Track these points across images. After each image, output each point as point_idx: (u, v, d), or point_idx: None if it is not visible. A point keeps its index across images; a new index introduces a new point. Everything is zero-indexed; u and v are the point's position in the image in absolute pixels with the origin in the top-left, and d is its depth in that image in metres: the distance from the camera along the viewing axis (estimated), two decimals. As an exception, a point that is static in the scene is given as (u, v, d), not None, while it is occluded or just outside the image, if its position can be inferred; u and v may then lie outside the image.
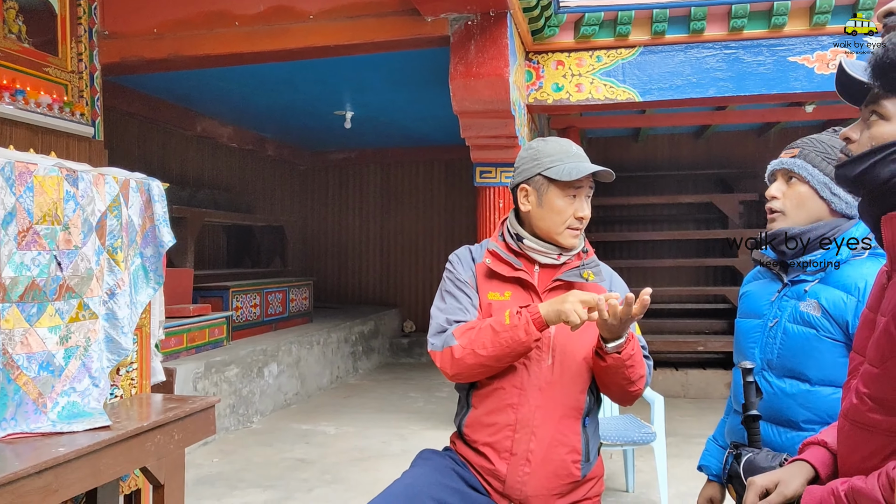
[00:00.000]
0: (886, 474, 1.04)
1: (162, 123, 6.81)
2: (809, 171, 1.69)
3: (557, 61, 4.92)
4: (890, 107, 1.18)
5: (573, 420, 1.76)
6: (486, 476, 1.77)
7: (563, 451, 1.73)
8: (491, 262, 1.84)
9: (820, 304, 1.63)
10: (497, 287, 1.83)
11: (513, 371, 1.76)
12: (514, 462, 1.73)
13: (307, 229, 9.95)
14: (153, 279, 2.57)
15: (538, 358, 1.76)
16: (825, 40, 4.61)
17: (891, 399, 1.09)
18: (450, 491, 1.72)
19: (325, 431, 5.30)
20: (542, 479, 1.72)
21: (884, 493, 1.03)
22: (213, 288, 6.15)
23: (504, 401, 1.76)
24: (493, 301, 1.81)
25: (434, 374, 7.71)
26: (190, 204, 6.77)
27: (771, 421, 1.71)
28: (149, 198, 2.55)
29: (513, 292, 1.82)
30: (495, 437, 1.75)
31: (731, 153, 8.00)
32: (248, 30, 4.37)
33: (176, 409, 2.26)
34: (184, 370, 4.72)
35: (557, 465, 1.73)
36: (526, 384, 1.75)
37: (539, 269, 1.85)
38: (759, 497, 1.25)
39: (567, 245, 1.81)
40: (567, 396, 1.76)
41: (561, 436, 1.74)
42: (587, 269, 1.82)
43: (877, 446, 1.11)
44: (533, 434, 1.72)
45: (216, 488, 4.00)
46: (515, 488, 1.73)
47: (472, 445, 1.81)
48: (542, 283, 1.82)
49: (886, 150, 1.14)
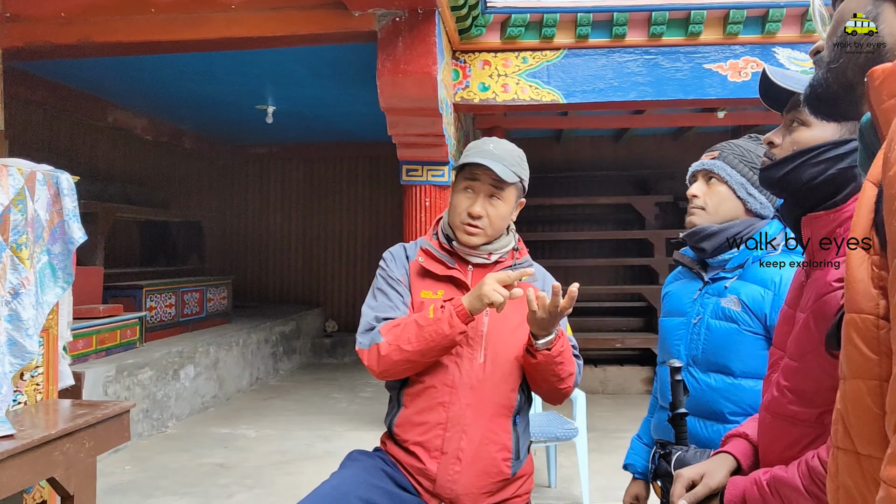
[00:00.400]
0: (806, 463, 1.08)
1: (70, 113, 6.44)
2: (728, 172, 1.79)
3: (484, 61, 4.95)
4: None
5: (504, 418, 1.76)
6: (417, 476, 1.75)
7: (493, 449, 1.73)
8: (424, 261, 1.83)
9: (740, 299, 1.70)
10: (430, 286, 1.82)
11: (444, 369, 1.75)
12: (445, 461, 1.72)
13: (226, 226, 9.64)
14: (62, 278, 2.42)
15: (470, 356, 1.75)
16: (738, 49, 4.83)
17: (810, 392, 1.14)
18: (379, 491, 1.70)
19: (246, 435, 5.15)
20: (472, 477, 1.71)
21: (803, 481, 1.07)
22: (126, 287, 5.87)
23: (435, 399, 1.74)
24: (426, 299, 1.80)
25: (358, 375, 7.63)
26: (100, 198, 6.43)
27: (697, 415, 1.76)
28: (57, 191, 2.40)
29: (446, 291, 1.81)
30: (426, 436, 1.74)
31: (648, 156, 8.28)
32: (165, 17, 4.17)
33: (87, 416, 2.13)
34: (93, 374, 4.48)
35: (488, 463, 1.72)
36: (457, 382, 1.74)
37: (473, 269, 1.84)
38: (685, 489, 1.28)
39: (463, 242, 1.80)
40: (498, 394, 1.75)
41: (492, 434, 1.74)
42: (519, 269, 1.80)
43: (797, 437, 1.16)
44: (464, 432, 1.72)
45: (129, 498, 3.82)
46: (446, 487, 1.71)
47: (403, 445, 1.78)
48: (474, 283, 1.80)
49: (807, 154, 1.21)
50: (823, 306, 1.12)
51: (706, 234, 1.78)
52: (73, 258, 2.49)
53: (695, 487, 1.27)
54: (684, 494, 1.27)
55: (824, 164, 1.18)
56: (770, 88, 1.30)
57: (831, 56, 0.93)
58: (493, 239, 1.83)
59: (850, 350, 0.78)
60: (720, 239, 1.76)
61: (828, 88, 0.94)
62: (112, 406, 2.25)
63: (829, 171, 1.18)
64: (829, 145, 1.20)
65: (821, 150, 1.20)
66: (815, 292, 1.15)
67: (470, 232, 1.79)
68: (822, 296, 1.13)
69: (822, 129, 1.24)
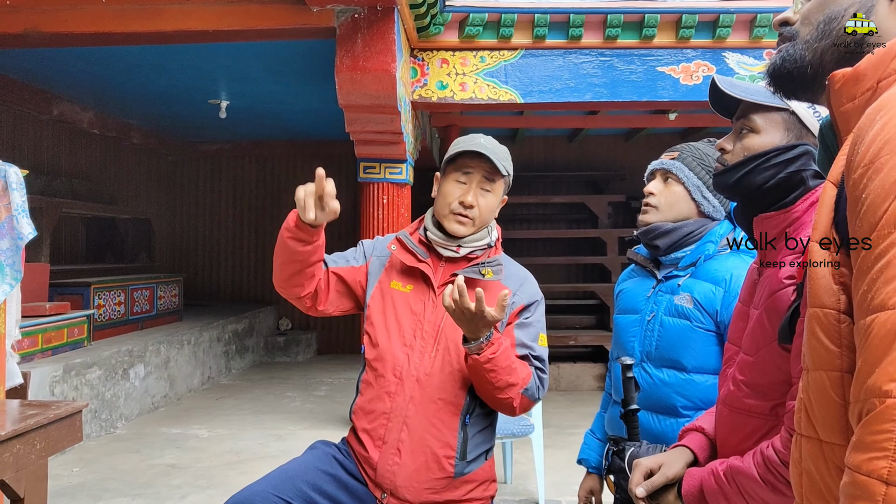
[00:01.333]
0: (761, 453, 1.13)
1: (12, 104, 6.20)
2: (686, 174, 1.83)
3: (442, 59, 4.96)
4: (758, 120, 1.30)
5: (450, 415, 1.75)
6: (363, 464, 1.77)
7: (435, 445, 1.73)
8: (396, 250, 1.85)
9: (692, 296, 1.75)
10: (402, 278, 1.85)
11: (395, 359, 1.77)
12: (385, 450, 1.73)
13: (176, 223, 9.43)
14: (10, 274, 2.35)
15: (422, 348, 1.77)
16: (690, 53, 4.95)
17: (764, 385, 1.19)
18: (326, 478, 1.74)
19: (198, 435, 5.06)
20: (411, 470, 1.72)
21: (758, 470, 1.12)
22: (72, 284, 5.70)
23: (383, 388, 1.77)
24: (395, 290, 1.83)
25: (312, 374, 7.57)
26: (45, 193, 6.23)
27: (650, 409, 1.81)
28: (5, 185, 2.33)
29: (414, 287, 1.83)
30: (372, 425, 1.76)
31: (601, 156, 8.42)
32: (117, 8, 4.05)
33: (37, 416, 2.08)
34: (39, 374, 4.34)
35: (428, 459, 1.72)
36: (405, 373, 1.75)
37: (444, 265, 1.86)
38: (643, 477, 1.32)
39: (450, 230, 1.81)
40: (445, 391, 1.75)
41: (434, 429, 1.73)
42: (487, 267, 1.83)
43: (752, 429, 1.21)
44: (405, 424, 1.73)
45: (78, 500, 3.72)
46: (386, 477, 1.72)
47: (355, 431, 1.81)
48: (442, 278, 1.83)
49: (758, 159, 1.26)
50: (776, 302, 1.17)
51: (660, 232, 1.83)
52: (21, 254, 2.42)
53: (652, 476, 1.31)
54: (642, 482, 1.31)
55: (774, 169, 1.24)
56: (719, 97, 1.35)
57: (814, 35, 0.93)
58: (479, 230, 1.86)
59: (814, 343, 0.81)
60: (674, 237, 1.81)
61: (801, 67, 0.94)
62: (64, 406, 2.20)
63: (780, 175, 1.23)
64: (778, 150, 1.25)
65: (770, 156, 1.25)
66: (768, 289, 1.20)
67: (461, 221, 1.81)
68: (774, 292, 1.18)
69: (771, 136, 1.29)
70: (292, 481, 1.69)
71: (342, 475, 1.76)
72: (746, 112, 1.32)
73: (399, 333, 1.79)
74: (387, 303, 1.83)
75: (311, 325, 9.18)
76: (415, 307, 1.81)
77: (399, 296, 1.82)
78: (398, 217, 4.97)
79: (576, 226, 8.32)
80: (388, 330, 1.80)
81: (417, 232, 1.90)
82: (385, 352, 1.78)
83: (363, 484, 1.77)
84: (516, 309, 1.84)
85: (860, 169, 0.73)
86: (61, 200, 6.30)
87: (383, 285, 1.85)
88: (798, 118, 1.28)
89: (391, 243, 1.88)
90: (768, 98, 1.29)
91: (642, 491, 1.29)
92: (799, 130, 1.28)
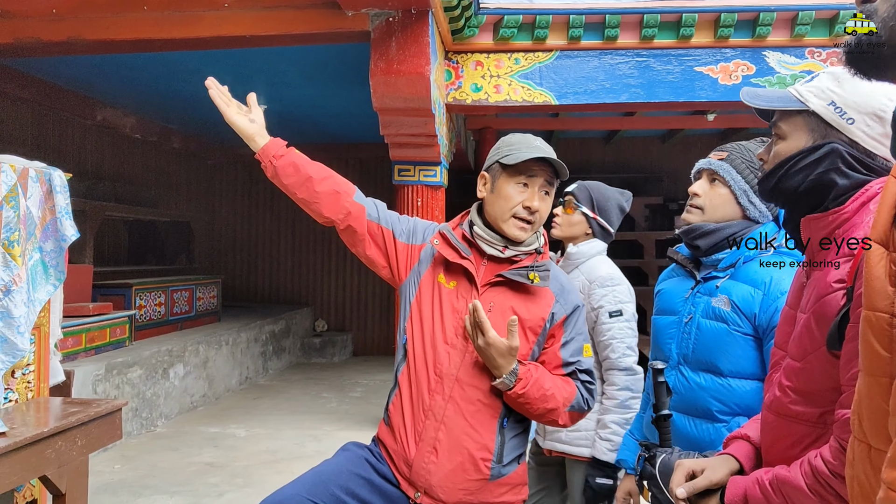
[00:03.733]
0: (809, 463, 1.08)
1: (58, 111, 6.38)
2: (733, 177, 1.77)
3: (476, 62, 4.95)
4: (784, 126, 1.28)
5: (489, 418, 1.73)
6: (397, 460, 1.75)
7: (473, 446, 1.70)
8: (438, 244, 1.81)
9: (730, 299, 1.71)
10: (447, 274, 1.81)
11: (436, 357, 1.74)
12: (422, 448, 1.71)
13: (215, 226, 9.59)
14: (53, 275, 2.40)
15: (463, 348, 1.73)
16: (728, 52, 4.86)
17: (812, 391, 1.14)
18: (359, 481, 1.72)
19: (235, 434, 5.13)
20: (447, 471, 1.69)
21: (806, 481, 1.07)
22: (115, 286, 5.83)
23: (422, 385, 1.74)
24: (441, 284, 1.80)
25: (348, 374, 7.62)
26: (89, 197, 6.38)
27: (687, 413, 1.77)
28: (50, 188, 2.38)
29: (458, 283, 1.79)
30: (409, 420, 1.74)
31: (638, 158, 8.32)
32: (157, 15, 4.14)
33: (79, 414, 2.12)
34: (82, 372, 4.45)
35: (465, 460, 1.70)
36: (444, 372, 1.73)
37: (486, 264, 1.81)
38: (685, 478, 1.28)
39: (511, 235, 1.77)
40: (485, 393, 1.72)
41: (473, 431, 1.71)
42: (534, 272, 1.77)
43: (799, 436, 1.16)
44: (443, 423, 1.70)
45: (118, 496, 3.79)
46: (421, 475, 1.70)
47: (390, 427, 1.79)
48: (484, 277, 1.79)
49: (785, 165, 1.24)
50: (824, 307, 1.13)
51: (702, 232, 1.78)
52: (65, 256, 2.48)
53: (695, 478, 1.27)
54: (683, 483, 1.27)
55: (803, 173, 1.21)
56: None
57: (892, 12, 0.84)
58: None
59: (865, 347, 0.78)
60: (716, 238, 1.76)
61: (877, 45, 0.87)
62: (104, 404, 2.24)
63: (810, 178, 1.20)
64: (802, 154, 1.22)
65: (795, 160, 1.23)
66: (816, 293, 1.16)
67: (523, 227, 1.77)
68: (822, 296, 1.14)
69: (796, 140, 1.26)
70: (325, 485, 1.68)
71: (375, 478, 1.75)
72: (776, 120, 1.30)
73: (442, 331, 1.75)
74: (434, 297, 1.79)
75: (347, 326, 9.25)
76: (457, 305, 1.77)
77: (445, 292, 1.78)
78: (432, 220, 4.97)
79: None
80: (434, 326, 1.77)
81: (460, 227, 1.85)
82: (428, 348, 1.75)
83: (395, 485, 1.75)
84: (558, 321, 1.79)
85: None
86: (104, 204, 6.45)
87: (434, 277, 1.82)
88: (819, 118, 1.24)
89: (434, 237, 1.83)
90: (790, 102, 1.26)
91: (683, 492, 1.25)
92: (823, 130, 1.24)
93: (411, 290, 1.84)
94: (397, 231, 1.87)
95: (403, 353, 1.81)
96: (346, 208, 1.85)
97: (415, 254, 1.86)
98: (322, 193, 1.86)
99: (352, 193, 1.88)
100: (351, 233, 1.86)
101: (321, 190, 1.86)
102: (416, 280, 1.83)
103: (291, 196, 1.90)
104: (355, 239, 1.86)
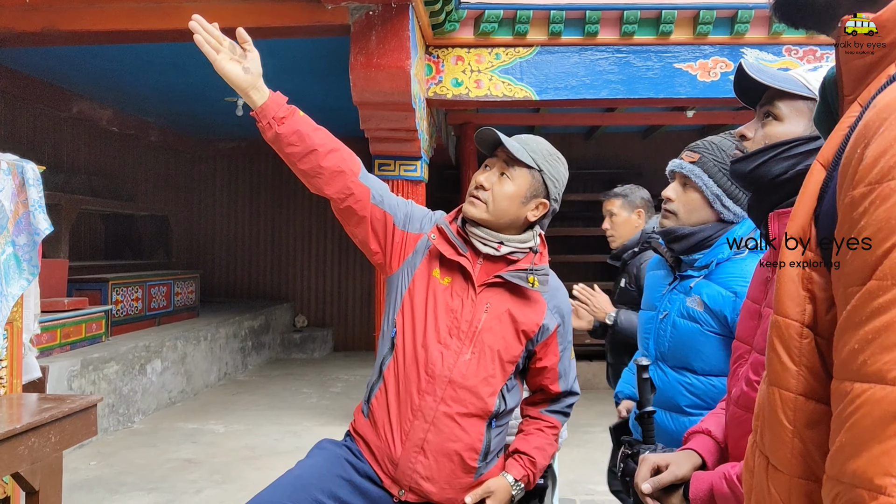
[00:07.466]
0: None
1: (32, 102, 6.27)
2: (704, 181, 1.77)
3: (457, 56, 4.95)
4: (783, 108, 1.26)
5: (479, 420, 1.69)
6: (380, 458, 1.70)
7: (461, 448, 1.68)
8: (435, 239, 1.74)
9: (702, 300, 1.73)
10: (442, 269, 1.74)
11: (428, 356, 1.68)
12: (408, 447, 1.67)
13: (193, 220, 9.50)
14: (27, 269, 2.37)
15: (457, 349, 1.68)
16: (707, 49, 4.90)
17: (779, 385, 1.15)
18: (340, 482, 1.67)
19: (214, 430, 5.10)
20: (434, 471, 1.67)
21: None
22: (91, 280, 5.76)
23: (410, 383, 1.68)
24: (436, 279, 1.73)
25: (328, 370, 7.60)
26: (64, 190, 6.29)
27: (665, 408, 1.79)
28: (22, 181, 2.35)
29: (453, 280, 1.73)
30: (395, 419, 1.68)
31: (618, 154, 8.36)
32: (134, 6, 4.08)
33: (53, 410, 2.09)
34: (57, 368, 4.39)
35: (454, 463, 1.68)
36: (436, 373, 1.67)
37: (482, 262, 1.75)
38: (650, 473, 1.28)
39: (464, 212, 1.74)
40: (477, 397, 1.68)
41: (462, 433, 1.68)
42: (534, 275, 1.72)
43: None
44: (432, 425, 1.66)
45: (94, 493, 3.75)
46: (407, 474, 1.67)
47: (372, 422, 1.73)
48: (481, 277, 1.73)
49: (778, 148, 1.22)
50: None
51: (676, 236, 1.81)
52: (38, 250, 2.44)
53: (660, 473, 1.27)
54: (649, 479, 1.27)
55: (794, 159, 1.19)
56: (744, 82, 1.29)
57: None
58: (498, 221, 1.72)
59: (771, 355, 0.71)
60: (690, 241, 1.79)
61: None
62: (79, 400, 2.21)
63: (797, 167, 1.18)
64: (800, 140, 1.21)
65: (791, 145, 1.21)
66: (782, 288, 1.17)
67: (472, 202, 1.72)
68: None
69: (794, 124, 1.24)
70: (306, 490, 1.61)
71: (356, 478, 1.70)
72: (771, 99, 1.27)
73: (435, 329, 1.69)
74: (429, 292, 1.73)
75: (328, 322, 9.22)
76: (452, 303, 1.71)
77: (440, 288, 1.72)
78: (413, 214, 4.97)
79: (592, 224, 8.25)
80: (426, 323, 1.71)
81: (455, 222, 1.79)
82: (419, 346, 1.69)
83: (378, 483, 1.71)
84: (552, 331, 1.77)
85: (861, 186, 0.58)
86: (80, 197, 6.36)
87: (429, 270, 1.75)
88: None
89: (431, 231, 1.76)
90: (796, 86, 1.25)
91: (648, 487, 1.25)
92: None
93: (404, 280, 1.76)
94: (398, 217, 1.78)
95: (391, 346, 1.74)
96: (349, 188, 1.72)
97: (410, 242, 1.78)
98: (326, 168, 1.70)
99: (357, 172, 1.75)
100: (349, 213, 1.74)
101: (326, 165, 1.70)
102: (409, 271, 1.76)
103: (290, 165, 1.73)
104: (352, 220, 1.75)
